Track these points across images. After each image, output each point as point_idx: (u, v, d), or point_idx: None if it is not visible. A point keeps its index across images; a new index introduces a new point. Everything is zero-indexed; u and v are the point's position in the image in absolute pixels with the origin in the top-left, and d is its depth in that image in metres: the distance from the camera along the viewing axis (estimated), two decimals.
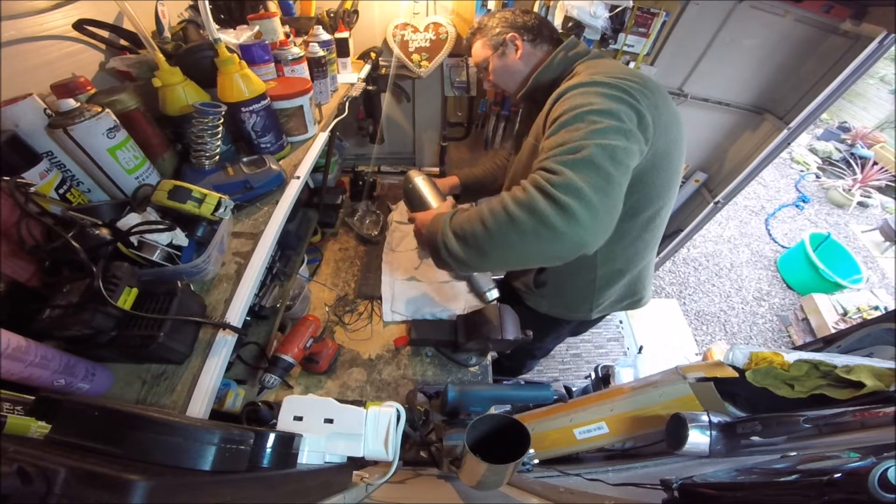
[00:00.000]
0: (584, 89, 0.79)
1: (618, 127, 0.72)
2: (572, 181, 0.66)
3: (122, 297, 0.52)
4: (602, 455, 0.92)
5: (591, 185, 0.66)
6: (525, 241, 0.69)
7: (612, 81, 0.78)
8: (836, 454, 0.54)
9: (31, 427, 0.38)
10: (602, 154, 0.68)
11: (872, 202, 4.03)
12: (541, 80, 0.99)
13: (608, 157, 0.68)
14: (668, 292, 2.91)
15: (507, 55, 1.03)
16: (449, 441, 0.76)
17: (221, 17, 1.11)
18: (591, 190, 0.66)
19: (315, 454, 0.52)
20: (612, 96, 0.76)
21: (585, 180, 0.66)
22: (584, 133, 0.70)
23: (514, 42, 1.01)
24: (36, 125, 0.59)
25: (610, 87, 0.77)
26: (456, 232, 0.78)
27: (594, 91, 0.77)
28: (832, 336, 1.13)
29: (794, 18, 1.47)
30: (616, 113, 0.73)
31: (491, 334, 1.03)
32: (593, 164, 0.67)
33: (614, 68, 0.87)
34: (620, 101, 0.76)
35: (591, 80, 0.80)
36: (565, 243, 0.68)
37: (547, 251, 0.70)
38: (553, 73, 0.97)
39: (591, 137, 0.69)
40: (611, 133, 0.71)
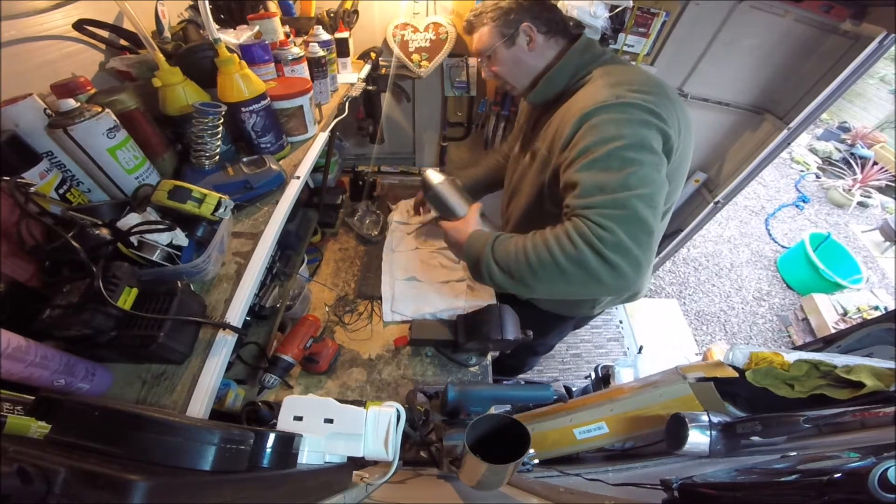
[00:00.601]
0: (612, 115, 0.77)
1: (651, 163, 0.74)
2: (622, 241, 0.70)
3: (122, 297, 0.52)
4: (602, 455, 0.92)
5: (638, 241, 0.70)
6: (571, 286, 0.75)
7: (640, 101, 0.77)
8: (836, 454, 0.54)
9: (31, 427, 0.38)
10: (644, 207, 0.71)
11: (872, 202, 4.03)
12: (553, 81, 0.94)
13: (649, 208, 0.72)
14: (668, 292, 2.91)
15: (517, 46, 0.94)
16: (449, 441, 0.76)
17: (221, 17, 1.11)
18: (637, 246, 0.70)
19: (315, 454, 0.52)
20: (642, 122, 0.76)
21: (633, 239, 0.70)
22: (624, 179, 0.72)
23: (529, 32, 0.92)
24: (36, 125, 0.59)
25: (638, 111, 0.76)
26: (500, 263, 0.82)
27: (624, 119, 0.76)
28: (832, 336, 1.13)
29: (794, 18, 1.47)
30: (648, 144, 0.75)
31: (491, 334, 1.03)
32: (639, 220, 0.71)
33: (635, 76, 0.84)
34: (649, 126, 0.76)
35: (617, 99, 0.78)
36: (610, 291, 0.74)
37: (590, 294, 0.78)
38: (566, 75, 0.92)
39: (631, 186, 0.71)
40: (647, 176, 0.73)
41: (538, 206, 0.99)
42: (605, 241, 0.70)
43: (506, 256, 0.81)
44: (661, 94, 0.81)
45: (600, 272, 0.71)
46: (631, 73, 0.87)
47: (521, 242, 0.80)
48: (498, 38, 0.94)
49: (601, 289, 0.73)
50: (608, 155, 0.74)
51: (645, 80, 0.84)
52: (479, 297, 1.29)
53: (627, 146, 0.74)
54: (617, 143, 0.74)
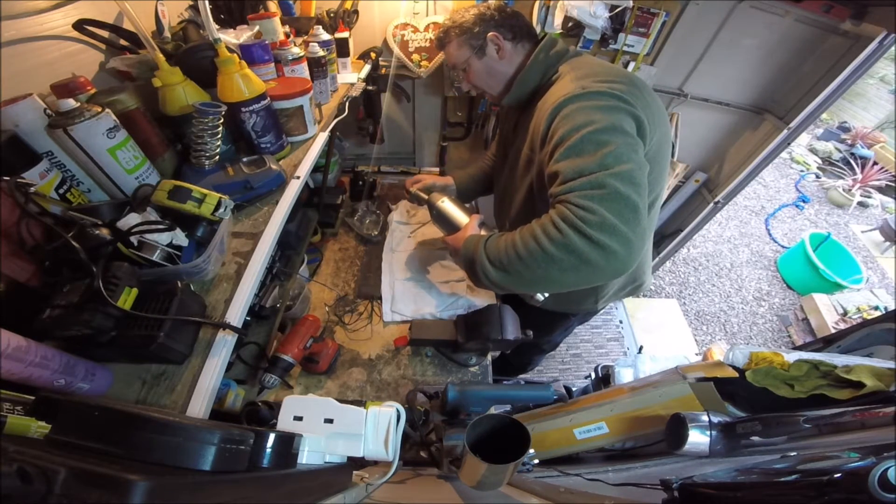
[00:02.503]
0: (580, 104, 0.78)
1: (626, 143, 0.74)
2: (605, 219, 0.69)
3: (122, 297, 0.52)
4: (602, 455, 0.92)
5: (623, 218, 0.70)
6: (565, 274, 0.75)
7: (606, 90, 0.78)
8: (836, 454, 0.54)
9: (31, 427, 0.38)
10: (624, 183, 0.71)
11: (872, 202, 4.04)
12: (525, 82, 0.96)
13: (630, 184, 0.71)
14: (668, 292, 2.91)
15: (488, 55, 0.97)
16: (449, 441, 0.76)
17: (221, 17, 1.11)
18: (624, 223, 0.69)
19: (315, 454, 0.52)
20: (611, 107, 0.77)
21: (617, 215, 0.69)
22: (600, 160, 0.72)
23: (496, 41, 0.95)
24: (36, 125, 0.59)
25: (606, 97, 0.78)
26: (492, 261, 0.82)
27: (592, 105, 0.77)
28: (832, 336, 1.13)
29: (794, 18, 1.47)
30: (620, 127, 0.75)
31: (491, 334, 1.03)
32: (620, 197, 0.70)
33: (600, 68, 0.87)
34: (619, 111, 0.77)
35: (583, 90, 0.79)
36: (606, 274, 0.73)
37: (587, 281, 0.76)
38: (536, 74, 0.95)
39: (608, 165, 0.72)
40: (623, 154, 0.73)
41: (530, 206, 1.00)
42: (589, 221, 0.69)
43: (497, 253, 0.82)
44: (628, 83, 0.82)
45: (589, 254, 0.70)
46: (596, 65, 0.90)
47: (510, 237, 0.81)
48: (468, 51, 0.98)
49: (595, 272, 0.73)
50: (581, 140, 0.74)
51: (610, 70, 0.85)
52: (479, 297, 1.29)
53: (599, 129, 0.74)
54: (588, 128, 0.74)
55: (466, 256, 0.89)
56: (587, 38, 1.50)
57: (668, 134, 0.91)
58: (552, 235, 0.73)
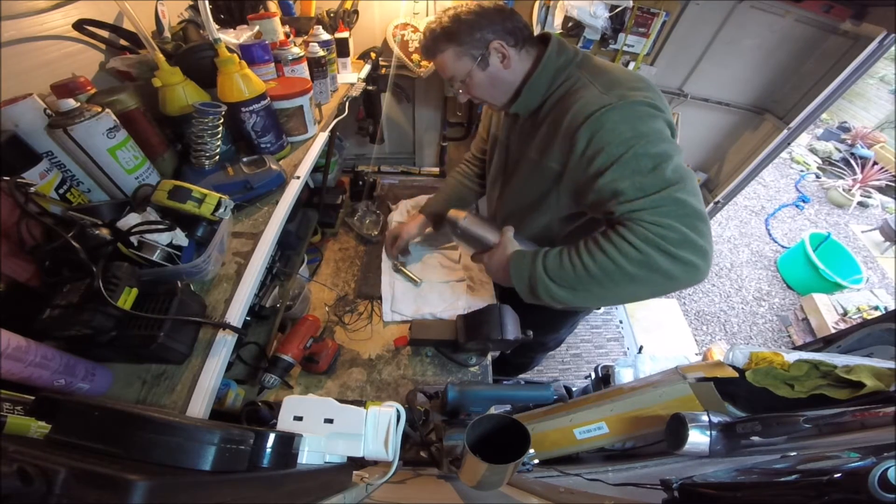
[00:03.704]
0: (620, 116, 0.76)
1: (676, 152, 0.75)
2: (684, 235, 0.70)
3: (122, 297, 0.52)
4: (602, 455, 0.92)
5: (698, 231, 0.71)
6: (644, 289, 0.77)
7: (641, 98, 0.78)
8: (836, 454, 0.54)
9: (31, 427, 0.38)
10: (691, 196, 0.72)
11: (872, 202, 4.04)
12: (535, 89, 0.89)
13: (695, 196, 0.73)
14: None
15: (491, 66, 0.88)
16: (449, 441, 0.76)
17: (221, 17, 1.11)
18: (700, 236, 0.71)
19: (315, 454, 0.52)
20: (650, 116, 0.77)
21: (693, 229, 0.71)
22: (663, 176, 0.72)
23: (501, 50, 0.86)
24: (36, 125, 0.59)
25: (644, 106, 0.77)
26: (556, 280, 0.82)
27: (633, 116, 0.76)
28: (832, 336, 1.13)
29: (795, 18, 1.47)
30: (665, 135, 0.76)
31: (491, 334, 1.03)
32: (693, 211, 0.72)
33: (622, 75, 0.84)
34: (657, 119, 0.77)
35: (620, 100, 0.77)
36: (685, 285, 0.76)
37: (665, 293, 0.79)
38: (546, 80, 0.89)
39: (672, 181, 0.72)
40: (680, 166, 0.74)
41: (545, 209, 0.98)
42: (670, 239, 0.70)
43: (562, 273, 0.81)
44: (650, 87, 0.82)
45: (672, 270, 0.71)
46: (616, 71, 0.87)
47: (575, 256, 0.79)
48: (469, 62, 0.87)
49: (675, 285, 0.75)
50: (636, 156, 0.74)
51: (632, 77, 0.84)
52: (479, 297, 1.29)
53: (650, 142, 0.74)
54: (640, 142, 0.74)
55: (521, 276, 0.87)
56: (587, 38, 1.50)
57: None
58: (630, 254, 0.73)
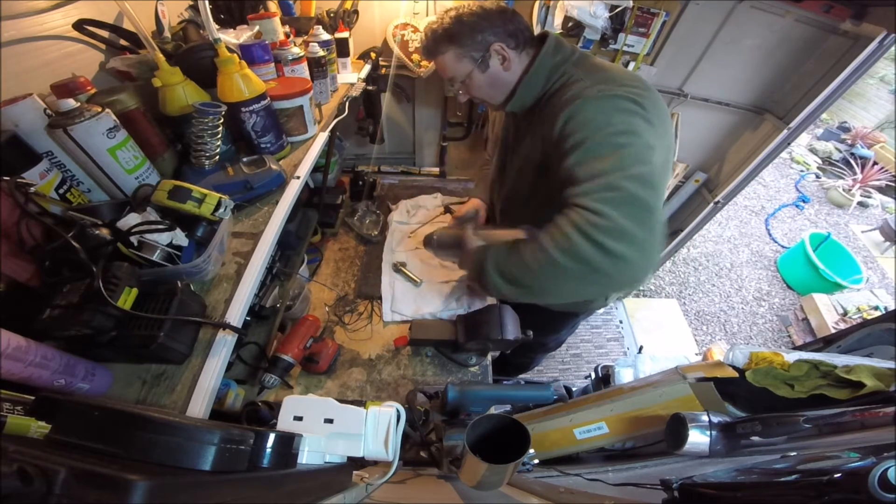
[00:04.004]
0: (598, 105, 0.76)
1: (643, 144, 0.71)
2: (617, 223, 0.64)
3: (122, 297, 0.52)
4: (602, 455, 0.92)
5: (637, 222, 0.64)
6: (577, 284, 0.71)
7: (623, 93, 0.76)
8: (836, 454, 0.54)
9: (31, 427, 0.37)
10: (639, 185, 0.66)
11: (872, 202, 4.04)
12: (530, 87, 0.90)
13: (645, 186, 0.67)
14: (668, 292, 2.91)
15: (492, 67, 0.88)
16: (449, 441, 0.76)
17: (221, 17, 1.11)
18: (638, 228, 0.64)
19: (315, 454, 0.52)
20: (627, 110, 0.75)
21: (630, 219, 0.64)
22: (615, 162, 0.68)
23: (502, 52, 0.86)
24: (36, 125, 0.59)
25: (623, 101, 0.75)
26: (502, 273, 0.79)
27: (610, 107, 0.75)
28: (832, 336, 1.13)
29: (794, 18, 1.47)
30: (637, 130, 0.73)
31: (491, 334, 1.03)
32: (635, 199, 0.65)
33: (615, 73, 0.84)
34: (636, 116, 0.75)
35: (600, 93, 0.77)
36: (618, 283, 0.69)
37: (598, 291, 0.73)
38: (542, 78, 0.89)
39: (623, 167, 0.67)
40: (639, 156, 0.69)
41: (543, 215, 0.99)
42: (600, 226, 0.64)
43: (506, 266, 0.79)
44: (643, 88, 0.81)
45: (597, 261, 0.65)
46: (610, 69, 0.86)
47: (517, 247, 0.77)
48: (470, 64, 0.88)
49: (606, 282, 0.68)
50: (598, 143, 0.72)
51: (625, 75, 0.83)
52: (479, 297, 1.29)
53: (616, 132, 0.72)
54: (606, 130, 0.72)
55: (476, 270, 0.86)
56: (587, 38, 1.50)
57: (672, 139, 0.90)
58: (559, 243, 0.68)
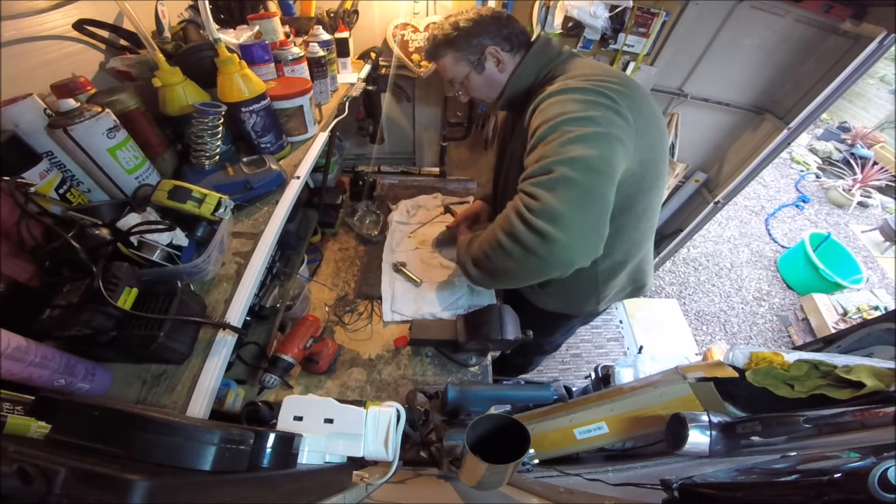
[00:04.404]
0: (559, 97, 0.77)
1: (594, 133, 0.70)
2: (547, 204, 0.65)
3: (122, 297, 0.52)
4: (602, 455, 0.92)
5: (568, 204, 0.65)
6: (519, 266, 0.73)
7: (588, 86, 0.76)
8: (836, 454, 0.54)
9: (31, 427, 0.37)
10: (576, 168, 0.66)
11: (872, 202, 4.04)
12: (516, 86, 0.94)
13: (583, 170, 0.67)
14: (668, 292, 2.91)
15: (487, 69, 0.95)
16: (449, 441, 0.76)
17: (221, 17, 1.11)
18: (568, 209, 0.65)
19: (315, 454, 0.52)
20: (589, 101, 0.74)
21: (561, 201, 0.65)
22: (556, 146, 0.69)
23: (496, 55, 0.92)
24: (36, 125, 0.59)
25: (586, 92, 0.75)
26: (473, 258, 0.83)
27: (569, 98, 0.75)
28: (832, 336, 1.13)
29: (794, 18, 1.47)
30: (593, 119, 0.72)
31: (491, 334, 1.03)
32: (568, 181, 0.66)
33: (593, 69, 0.85)
34: (597, 106, 0.74)
35: (565, 86, 0.78)
36: (553, 265, 0.70)
37: (541, 273, 0.72)
38: (527, 78, 0.93)
39: (563, 151, 0.68)
40: (585, 142, 0.68)
41: None
42: (532, 207, 0.66)
43: (474, 250, 0.82)
44: (619, 82, 0.79)
45: (529, 242, 0.67)
46: (592, 66, 0.87)
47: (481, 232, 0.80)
48: (467, 67, 0.94)
49: (542, 264, 0.69)
50: (549, 129, 0.73)
51: (605, 72, 0.83)
52: (479, 297, 1.29)
53: (569, 120, 0.72)
54: (559, 118, 0.73)
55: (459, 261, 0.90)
56: (587, 38, 1.50)
57: (662, 137, 0.90)
58: (503, 226, 0.72)
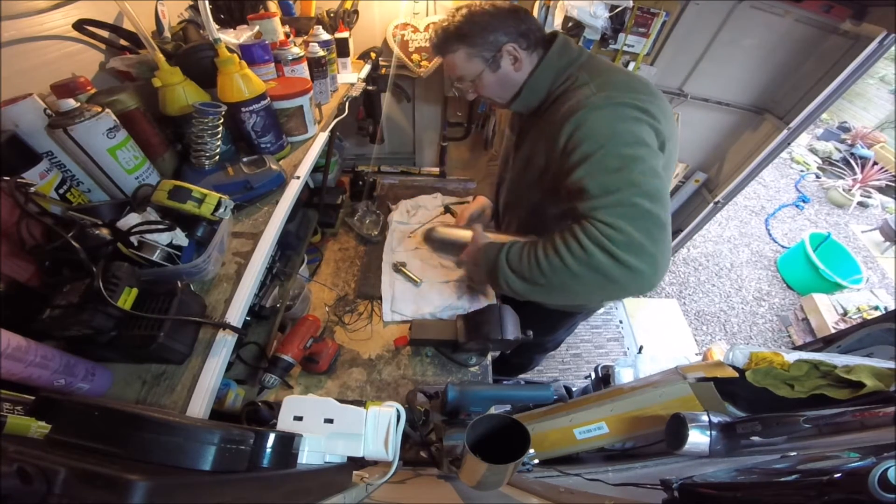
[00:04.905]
0: (603, 114, 0.76)
1: (650, 156, 0.74)
2: (632, 238, 0.68)
3: (122, 297, 0.52)
4: (602, 455, 0.92)
5: (650, 237, 0.69)
6: (588, 289, 0.75)
7: (631, 101, 0.76)
8: (836, 454, 0.54)
9: (31, 427, 0.37)
10: (652, 201, 0.70)
11: (872, 202, 4.03)
12: (534, 88, 0.90)
13: (657, 202, 0.70)
14: (668, 292, 2.91)
15: (502, 68, 0.88)
16: (449, 441, 0.76)
17: (221, 17, 1.11)
18: (651, 242, 0.68)
19: (315, 454, 0.52)
20: (633, 118, 0.76)
21: (644, 234, 0.68)
22: (627, 177, 0.71)
23: (514, 53, 0.86)
24: (36, 125, 0.59)
25: (628, 108, 0.76)
26: (515, 270, 0.83)
27: (615, 116, 0.76)
28: (832, 336, 1.13)
29: (794, 18, 1.47)
30: (645, 140, 0.75)
31: (491, 334, 1.03)
32: (649, 215, 0.69)
33: (622, 77, 0.83)
34: (640, 122, 0.76)
35: (608, 100, 0.77)
36: (630, 292, 0.73)
37: (610, 297, 0.79)
38: (546, 80, 0.89)
39: (635, 182, 0.70)
40: (649, 169, 0.72)
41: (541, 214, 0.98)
42: (616, 240, 0.68)
43: (520, 264, 0.81)
44: (648, 91, 0.81)
45: (614, 273, 0.69)
46: (616, 73, 0.85)
47: (532, 248, 0.80)
48: (480, 64, 0.88)
49: (619, 290, 0.72)
50: (606, 154, 0.73)
51: (630, 79, 0.83)
52: (479, 297, 1.29)
53: (623, 143, 0.73)
54: (613, 142, 0.73)
55: (487, 265, 0.88)
56: (587, 38, 1.50)
57: (677, 143, 0.90)
58: (576, 253, 0.72)
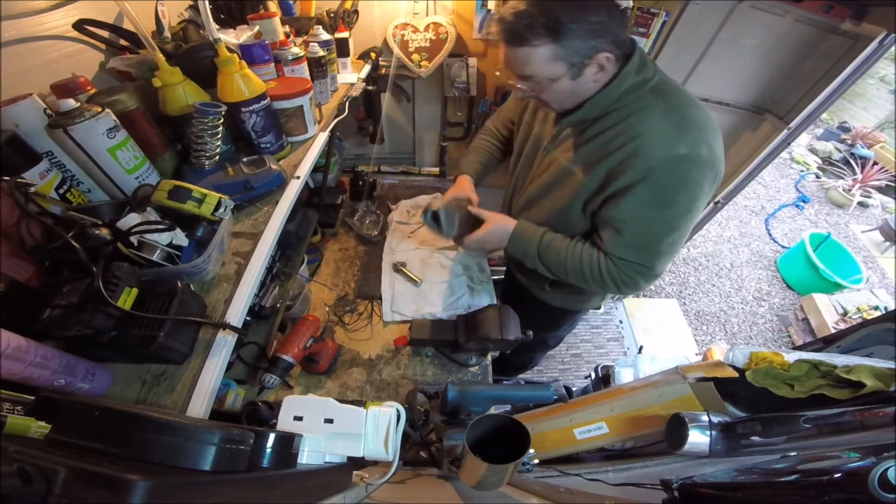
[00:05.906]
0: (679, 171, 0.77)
1: (692, 221, 0.84)
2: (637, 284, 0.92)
3: (122, 297, 0.52)
4: (602, 455, 0.92)
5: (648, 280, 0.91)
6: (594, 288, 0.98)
7: (697, 153, 0.75)
8: (836, 454, 0.54)
9: (31, 427, 0.37)
10: (667, 262, 0.90)
11: (872, 202, 4.03)
12: (598, 104, 0.81)
13: (670, 257, 0.89)
14: (668, 292, 2.91)
15: (584, 76, 0.76)
16: (449, 441, 0.76)
17: (221, 17, 1.11)
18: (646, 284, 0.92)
19: (315, 454, 0.52)
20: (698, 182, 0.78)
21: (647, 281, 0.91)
22: (658, 246, 0.85)
23: (605, 63, 0.75)
24: (36, 125, 0.59)
25: (706, 169, 0.77)
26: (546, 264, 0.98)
27: (689, 181, 0.78)
28: (832, 336, 1.13)
29: (794, 18, 1.47)
30: (698, 206, 0.82)
31: (491, 334, 1.03)
32: (659, 274, 0.91)
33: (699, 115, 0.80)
34: (706, 182, 0.79)
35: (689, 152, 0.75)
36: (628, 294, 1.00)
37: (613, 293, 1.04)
38: (614, 97, 0.80)
39: (663, 252, 0.86)
40: (681, 238, 0.86)
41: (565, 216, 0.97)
42: (626, 282, 0.90)
43: (548, 260, 0.97)
44: (712, 127, 0.81)
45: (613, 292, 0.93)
46: (691, 108, 0.81)
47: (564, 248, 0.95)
48: (563, 69, 0.74)
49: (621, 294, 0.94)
50: (657, 217, 0.82)
51: (704, 116, 0.81)
52: (479, 297, 1.29)
53: (676, 214, 0.81)
54: (671, 210, 0.81)
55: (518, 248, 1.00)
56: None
57: None
58: (595, 278, 0.92)
